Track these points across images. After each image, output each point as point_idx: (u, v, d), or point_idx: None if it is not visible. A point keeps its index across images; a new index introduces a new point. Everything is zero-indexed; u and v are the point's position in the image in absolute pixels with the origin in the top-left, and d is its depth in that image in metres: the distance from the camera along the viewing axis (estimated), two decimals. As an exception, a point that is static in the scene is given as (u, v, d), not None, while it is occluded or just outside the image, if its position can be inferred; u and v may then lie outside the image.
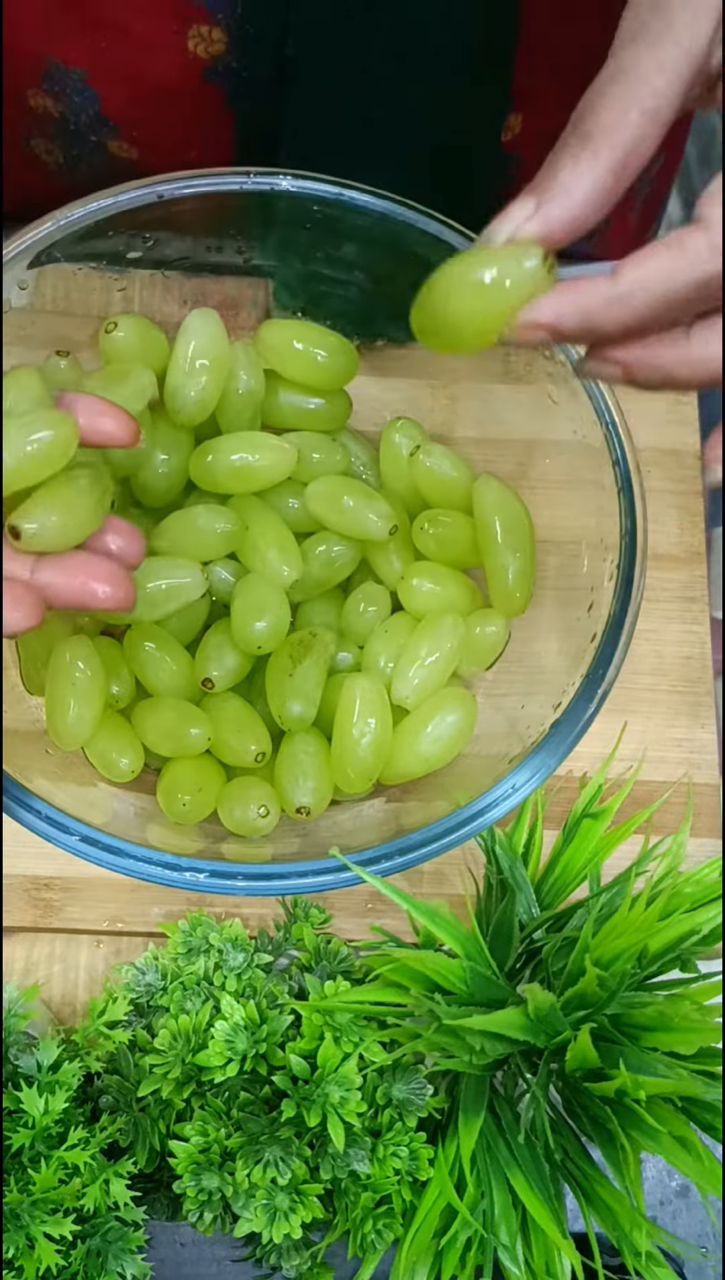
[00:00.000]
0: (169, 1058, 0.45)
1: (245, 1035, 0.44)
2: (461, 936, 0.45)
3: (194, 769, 0.52)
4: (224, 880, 0.44)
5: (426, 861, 0.45)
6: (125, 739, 0.52)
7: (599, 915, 0.45)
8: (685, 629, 0.61)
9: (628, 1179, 0.44)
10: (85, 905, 0.55)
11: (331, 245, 0.54)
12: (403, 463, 0.56)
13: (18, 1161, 0.43)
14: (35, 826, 0.44)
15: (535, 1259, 0.45)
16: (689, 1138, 0.43)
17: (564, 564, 0.52)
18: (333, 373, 0.55)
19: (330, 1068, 0.44)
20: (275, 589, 0.52)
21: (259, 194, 0.51)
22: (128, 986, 0.47)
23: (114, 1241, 0.44)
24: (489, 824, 0.45)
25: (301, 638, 0.52)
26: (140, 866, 0.44)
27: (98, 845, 0.44)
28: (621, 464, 0.49)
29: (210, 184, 0.50)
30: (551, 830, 0.53)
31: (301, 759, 0.51)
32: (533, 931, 0.48)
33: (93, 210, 0.50)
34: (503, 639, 0.55)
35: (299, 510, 0.55)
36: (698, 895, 0.47)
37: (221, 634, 0.53)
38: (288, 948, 0.49)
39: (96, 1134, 0.44)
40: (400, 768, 0.52)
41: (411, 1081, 0.46)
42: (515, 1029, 0.43)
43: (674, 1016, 0.43)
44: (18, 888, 0.55)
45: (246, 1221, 0.43)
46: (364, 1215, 0.45)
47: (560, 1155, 0.46)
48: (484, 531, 0.54)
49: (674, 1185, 0.54)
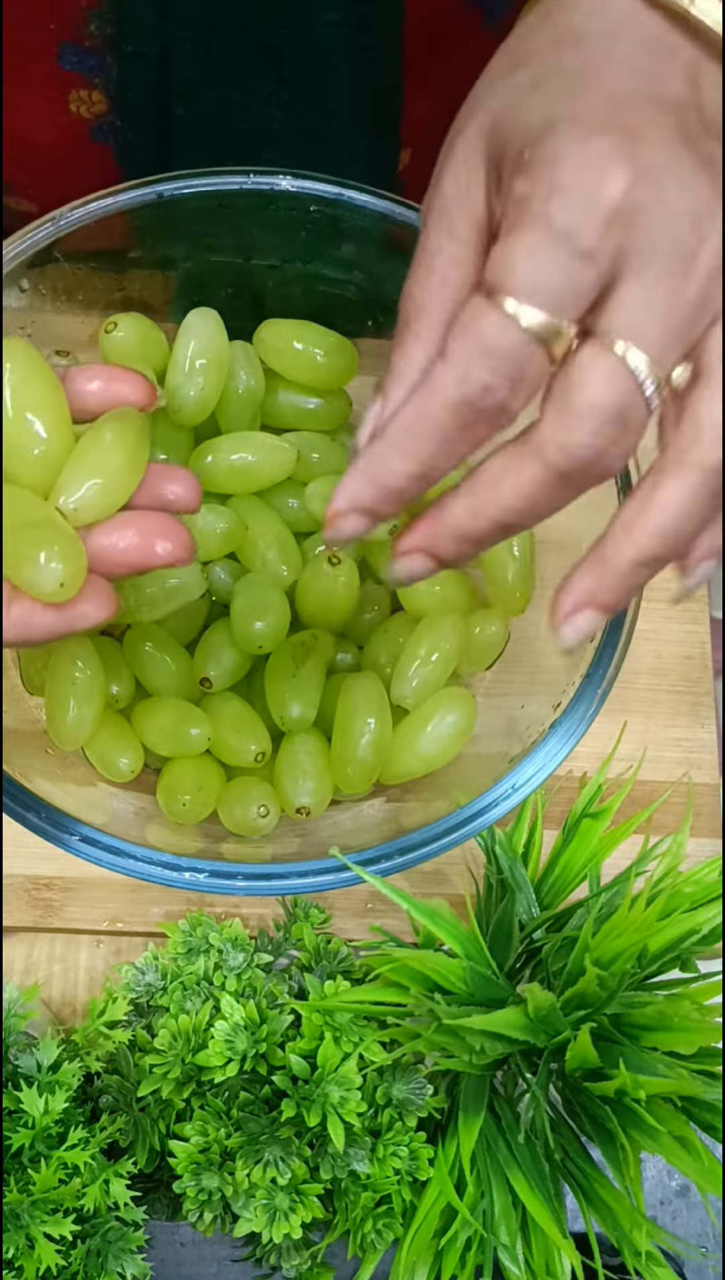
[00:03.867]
0: (169, 1058, 0.45)
1: (245, 1035, 0.44)
2: (461, 936, 0.45)
3: (194, 769, 0.52)
4: (224, 880, 0.44)
5: (426, 861, 0.45)
6: (125, 739, 0.52)
7: (599, 915, 0.45)
8: (685, 629, 0.61)
9: (628, 1179, 0.44)
10: (85, 905, 0.55)
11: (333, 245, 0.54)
12: (403, 463, 0.56)
13: (18, 1161, 0.43)
14: (35, 826, 0.44)
15: (535, 1259, 0.45)
16: (689, 1138, 0.43)
17: (564, 564, 0.52)
18: (332, 372, 0.55)
19: (330, 1068, 0.44)
20: (275, 589, 0.52)
21: (259, 194, 0.51)
22: (128, 986, 0.47)
23: (114, 1241, 0.44)
24: (489, 824, 0.45)
25: (303, 639, 0.52)
26: (140, 866, 0.44)
27: (98, 845, 0.44)
28: (621, 464, 0.49)
29: (210, 184, 0.50)
30: (551, 830, 0.53)
31: (301, 759, 0.51)
32: (533, 931, 0.48)
33: (93, 210, 0.50)
34: (503, 639, 0.55)
35: (299, 510, 0.55)
36: (697, 895, 0.47)
37: (220, 634, 0.53)
38: (288, 948, 0.49)
39: (96, 1134, 0.44)
40: (400, 768, 0.52)
41: (411, 1081, 0.46)
42: (515, 1029, 0.43)
43: (674, 1016, 0.43)
44: (18, 888, 0.55)
45: (246, 1221, 0.43)
46: (364, 1215, 0.45)
47: (560, 1155, 0.46)
48: (484, 531, 0.54)
49: (674, 1185, 0.54)
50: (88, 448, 0.39)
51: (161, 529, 0.38)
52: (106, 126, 0.58)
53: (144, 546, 0.38)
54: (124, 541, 0.38)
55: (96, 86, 0.56)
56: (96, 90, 0.56)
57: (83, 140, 0.58)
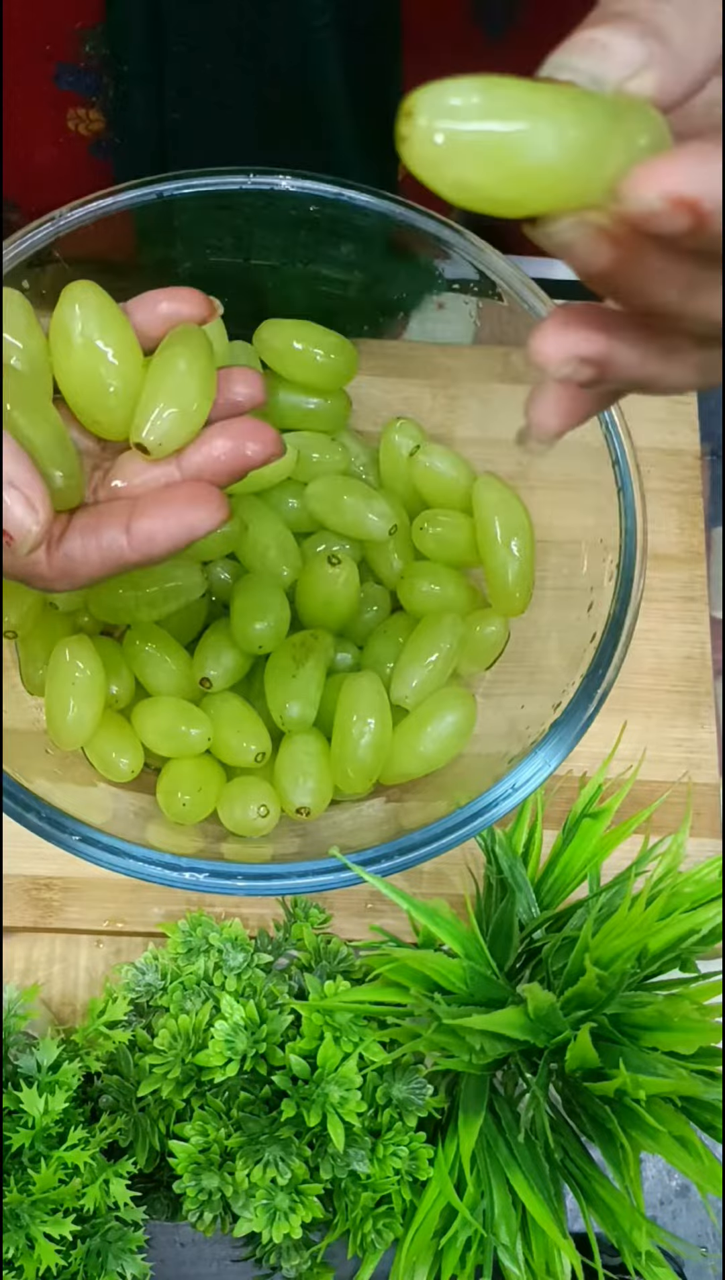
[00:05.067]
0: (169, 1058, 0.45)
1: (245, 1035, 0.44)
2: (461, 936, 0.45)
3: (194, 769, 0.52)
4: (224, 880, 0.44)
5: (426, 861, 0.45)
6: (125, 739, 0.52)
7: (599, 915, 0.45)
8: (685, 629, 0.61)
9: (628, 1179, 0.44)
10: (85, 905, 0.55)
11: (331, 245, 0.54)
12: (402, 463, 0.56)
13: (18, 1161, 0.43)
14: (35, 826, 0.44)
15: (535, 1259, 0.45)
16: (689, 1137, 0.43)
17: (564, 564, 0.52)
18: (332, 372, 0.55)
19: (330, 1068, 0.44)
20: (275, 589, 0.52)
21: (259, 194, 0.51)
22: (128, 986, 0.47)
23: (114, 1241, 0.44)
24: (489, 824, 0.45)
25: (303, 639, 0.52)
26: (140, 866, 0.44)
27: (98, 845, 0.44)
28: (621, 464, 0.49)
29: (210, 184, 0.50)
30: (551, 830, 0.53)
31: (301, 759, 0.51)
32: (533, 931, 0.48)
33: (93, 210, 0.50)
34: (502, 639, 0.55)
35: (299, 510, 0.55)
36: (697, 895, 0.47)
37: (220, 634, 0.53)
38: (288, 948, 0.49)
39: (96, 1134, 0.44)
40: (400, 768, 0.52)
41: (411, 1081, 0.46)
42: (515, 1029, 0.43)
43: (674, 1016, 0.43)
44: (18, 888, 0.55)
45: (246, 1221, 0.43)
46: (364, 1215, 0.45)
47: (560, 1155, 0.46)
48: (484, 531, 0.54)
49: (674, 1185, 0.54)
50: (162, 377, 0.39)
51: (248, 432, 0.39)
52: (105, 143, 0.58)
53: (236, 451, 0.39)
54: (216, 450, 0.39)
55: (94, 105, 0.56)
56: (94, 109, 0.56)
57: (82, 158, 0.58)
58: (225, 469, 0.39)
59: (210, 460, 0.39)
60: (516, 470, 0.56)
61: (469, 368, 0.58)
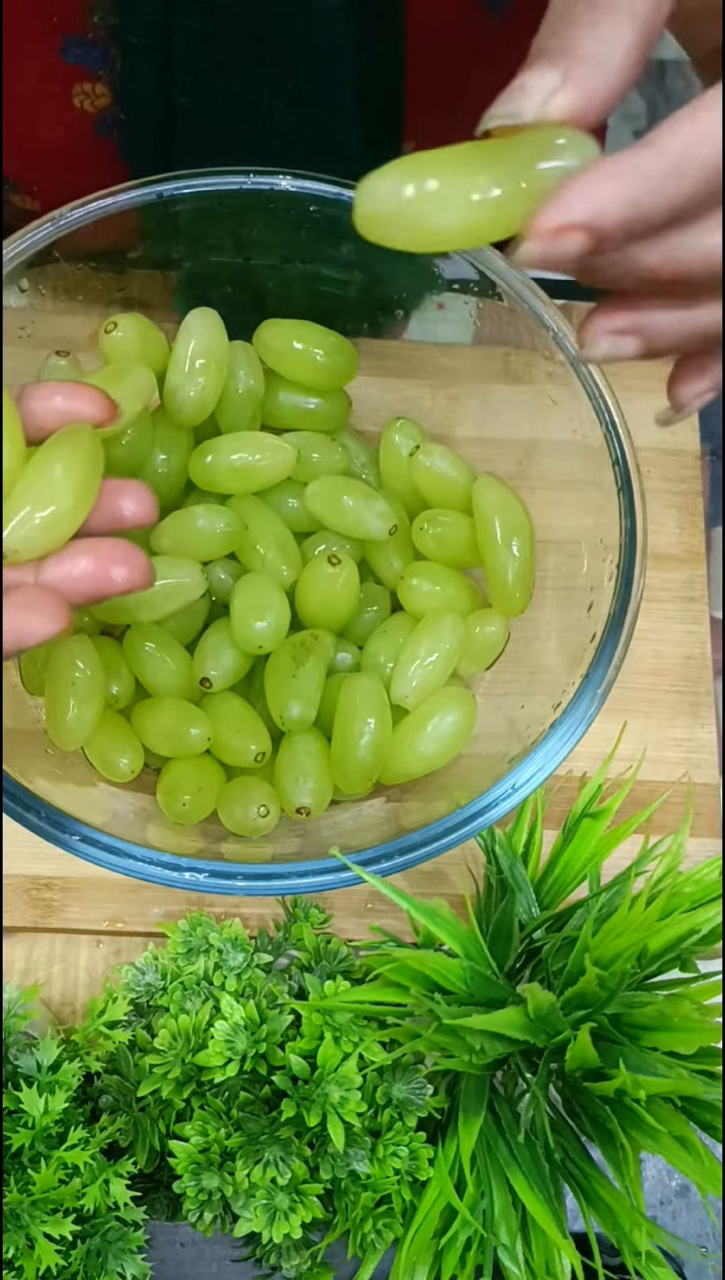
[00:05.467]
0: (169, 1058, 0.45)
1: (245, 1035, 0.44)
2: (461, 936, 0.45)
3: (194, 769, 0.52)
4: (224, 880, 0.44)
5: (426, 861, 0.45)
6: (125, 739, 0.52)
7: (599, 915, 0.45)
8: (685, 629, 0.61)
9: (628, 1179, 0.44)
10: (85, 905, 0.55)
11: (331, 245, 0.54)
12: (402, 463, 0.56)
13: (18, 1161, 0.43)
14: (35, 826, 0.44)
15: (535, 1259, 0.45)
16: (689, 1137, 0.43)
17: (564, 564, 0.52)
18: (332, 372, 0.55)
19: (330, 1068, 0.44)
20: (275, 589, 0.52)
21: (259, 194, 0.51)
22: (128, 986, 0.47)
23: (114, 1241, 0.44)
24: (489, 824, 0.45)
25: (303, 639, 0.52)
26: (140, 866, 0.44)
27: (98, 845, 0.44)
28: (621, 464, 0.49)
29: (210, 184, 0.50)
30: (551, 830, 0.53)
31: (301, 759, 0.51)
32: (533, 931, 0.48)
33: (93, 210, 0.50)
34: (502, 639, 0.55)
35: (299, 510, 0.55)
36: (697, 895, 0.47)
37: (220, 634, 0.53)
38: (288, 948, 0.49)
39: (96, 1134, 0.44)
40: (400, 768, 0.52)
41: (411, 1081, 0.46)
42: (515, 1029, 0.43)
43: (674, 1016, 0.43)
44: (18, 888, 0.55)
45: (246, 1221, 0.43)
46: (364, 1215, 0.45)
47: (560, 1155, 0.46)
48: (484, 531, 0.54)
49: (674, 1185, 0.54)
50: (34, 479, 0.37)
51: (117, 555, 0.37)
52: (110, 120, 0.57)
53: (99, 574, 0.37)
54: (78, 570, 0.37)
55: (100, 79, 0.55)
56: (100, 83, 0.56)
57: (87, 135, 0.58)
58: (83, 590, 0.36)
59: (68, 579, 0.36)
60: (516, 470, 0.56)
61: (469, 368, 0.58)
